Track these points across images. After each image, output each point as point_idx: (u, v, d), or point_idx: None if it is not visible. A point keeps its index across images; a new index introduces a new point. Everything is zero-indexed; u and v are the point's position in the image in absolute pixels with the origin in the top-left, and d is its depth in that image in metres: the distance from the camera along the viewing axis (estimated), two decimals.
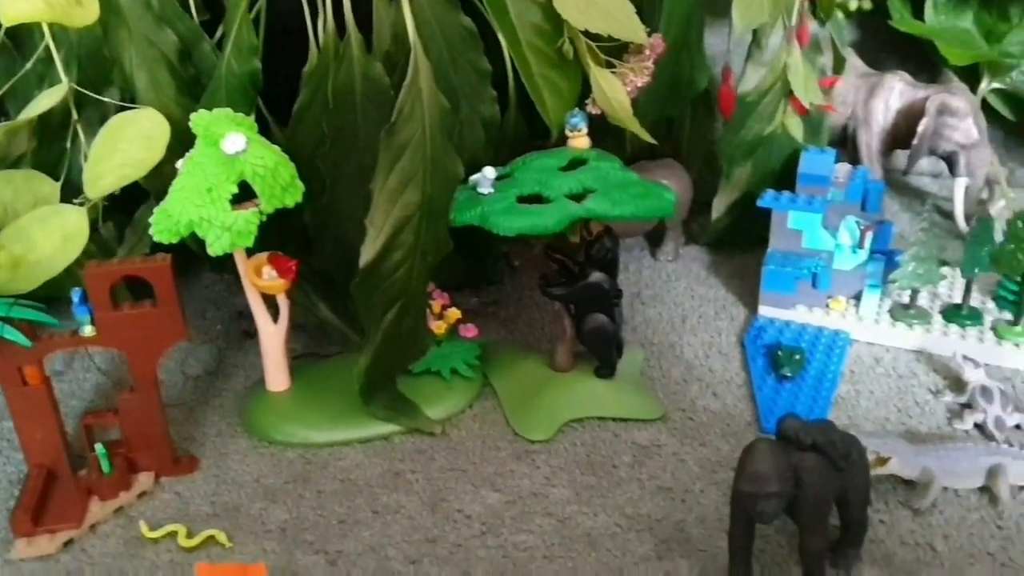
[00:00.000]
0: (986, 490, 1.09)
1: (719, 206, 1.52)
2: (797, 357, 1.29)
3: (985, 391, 1.21)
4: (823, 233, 1.39)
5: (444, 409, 1.24)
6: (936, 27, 1.74)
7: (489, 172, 1.17)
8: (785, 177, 1.45)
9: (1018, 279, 1.31)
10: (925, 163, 1.84)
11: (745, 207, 1.50)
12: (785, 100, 1.21)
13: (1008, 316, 1.35)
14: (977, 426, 1.19)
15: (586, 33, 1.25)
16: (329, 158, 1.20)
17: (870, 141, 1.62)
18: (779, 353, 1.30)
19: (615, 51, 1.30)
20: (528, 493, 1.12)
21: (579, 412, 1.23)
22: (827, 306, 1.41)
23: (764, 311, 1.43)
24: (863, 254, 1.40)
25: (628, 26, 1.24)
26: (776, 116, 1.24)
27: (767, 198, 1.41)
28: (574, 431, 1.22)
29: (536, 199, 1.17)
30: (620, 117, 1.24)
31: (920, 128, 1.53)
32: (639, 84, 1.27)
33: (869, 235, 1.39)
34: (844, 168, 1.45)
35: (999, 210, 1.65)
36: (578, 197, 1.16)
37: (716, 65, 1.57)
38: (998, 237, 1.32)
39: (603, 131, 1.39)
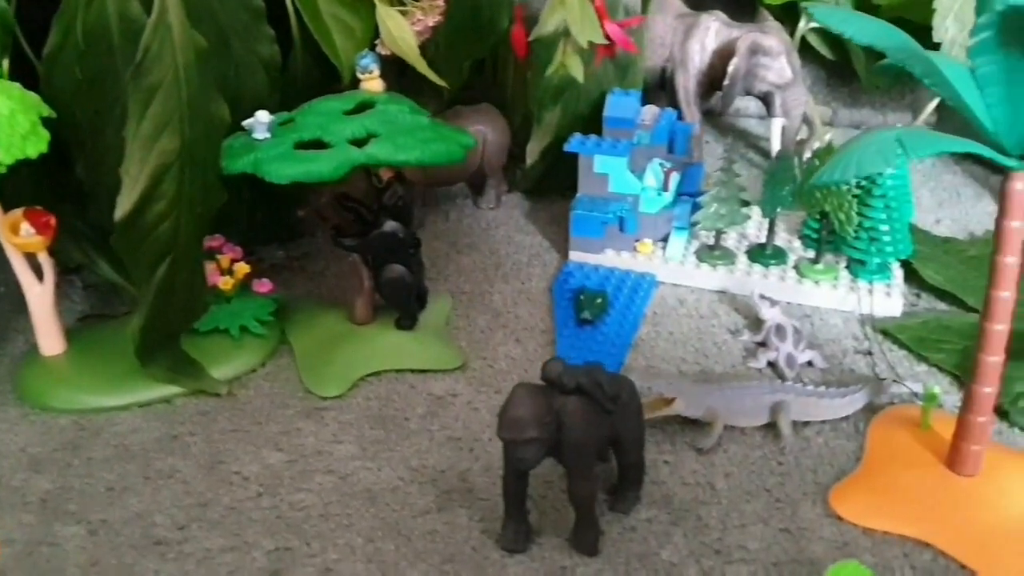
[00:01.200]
0: (772, 427, 1.10)
1: (532, 152, 1.50)
2: (599, 301, 1.28)
3: (779, 329, 1.22)
4: (629, 176, 1.38)
5: (232, 368, 1.19)
6: None
7: (262, 116, 1.11)
8: (595, 120, 1.43)
9: (817, 216, 1.33)
10: (753, 105, 1.85)
11: (559, 152, 1.47)
12: (565, 39, 1.18)
13: (811, 254, 1.37)
14: (770, 364, 1.21)
15: None
16: (88, 105, 1.12)
17: (687, 83, 1.61)
18: (581, 298, 1.29)
19: None
20: (312, 451, 1.08)
21: (376, 365, 1.20)
22: (635, 249, 1.40)
23: (574, 256, 1.42)
24: (668, 197, 1.39)
25: None
26: (558, 58, 1.20)
27: (574, 143, 1.38)
28: (370, 385, 1.18)
29: (318, 145, 1.12)
30: (409, 58, 1.19)
31: (730, 68, 1.53)
32: (430, 24, 1.23)
33: (673, 177, 1.38)
34: (651, 110, 1.43)
35: (811, 154, 1.67)
36: (362, 142, 1.12)
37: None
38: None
39: (422, 76, 1.34)
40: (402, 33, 1.17)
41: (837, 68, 1.84)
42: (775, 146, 1.62)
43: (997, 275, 0.89)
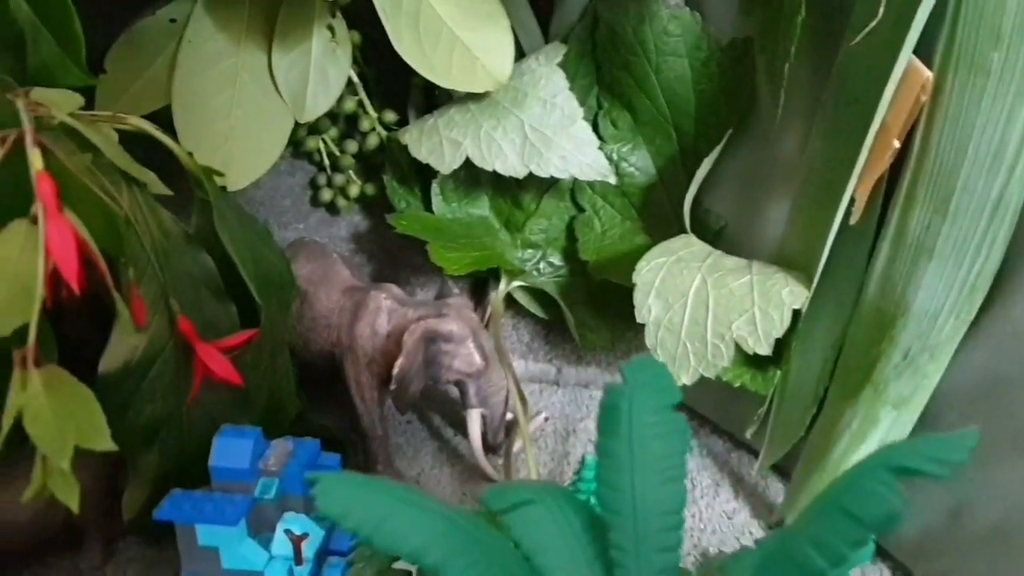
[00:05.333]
0: None
1: (131, 504, 1.12)
2: None
3: None
4: (248, 546, 1.03)
5: None
6: (446, 218, 1.47)
7: None
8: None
9: None
10: None
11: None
12: (39, 454, 0.83)
13: None
14: None
15: None
16: None
17: (358, 375, 1.30)
18: None
19: None
20: None
21: None
22: None
23: None
24: (303, 570, 1.04)
25: None
26: (37, 477, 0.84)
27: (165, 507, 1.02)
28: None
29: None
30: None
31: (396, 370, 1.22)
32: None
33: (309, 543, 1.04)
34: (280, 449, 1.09)
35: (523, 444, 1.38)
36: None
37: None
38: None
39: None
40: None
41: (558, 324, 1.58)
42: (474, 440, 1.33)
43: None
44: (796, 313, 1.15)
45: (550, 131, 1.31)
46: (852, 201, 1.09)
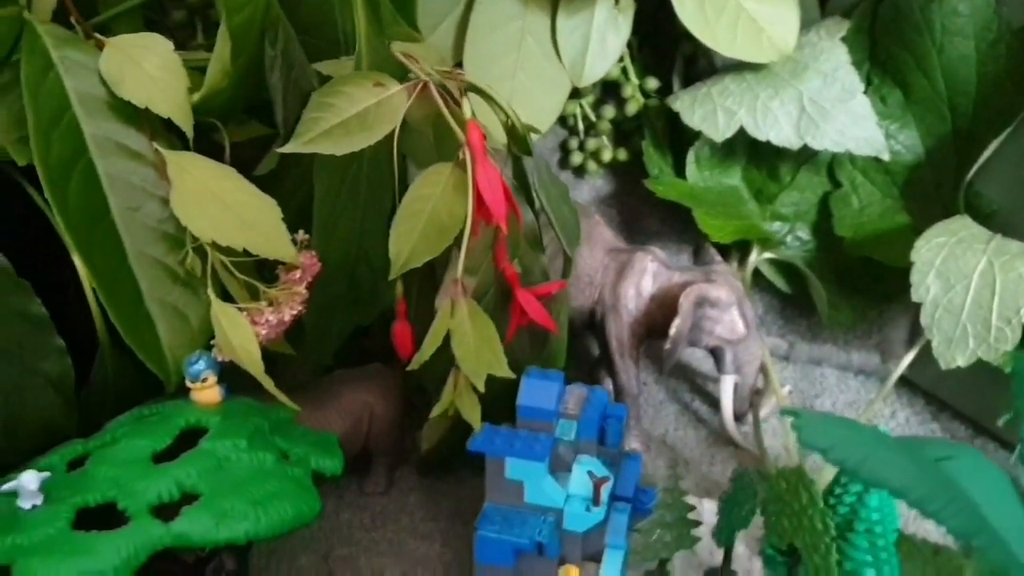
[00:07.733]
0: None
1: (430, 436, 1.19)
2: None
3: None
4: (550, 484, 1.09)
5: None
6: (699, 186, 1.50)
7: (30, 481, 0.79)
8: (509, 401, 1.13)
9: (783, 549, 1.04)
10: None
11: (465, 433, 1.17)
12: (455, 371, 0.90)
13: None
14: None
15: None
16: None
17: (620, 333, 1.34)
18: None
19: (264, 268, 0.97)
20: None
21: None
22: None
23: None
24: (599, 512, 1.09)
25: (273, 240, 0.91)
26: (447, 395, 0.91)
27: (478, 439, 1.08)
28: None
29: (110, 512, 0.80)
30: (249, 368, 0.90)
31: (672, 331, 1.26)
32: (287, 318, 0.93)
33: (605, 489, 1.09)
34: (577, 394, 1.14)
35: (769, 411, 1.41)
36: (173, 505, 0.81)
37: None
38: None
39: None
40: (243, 341, 0.88)
41: (794, 298, 1.60)
42: (726, 407, 1.36)
43: None
44: None
45: (828, 104, 1.32)
46: None
